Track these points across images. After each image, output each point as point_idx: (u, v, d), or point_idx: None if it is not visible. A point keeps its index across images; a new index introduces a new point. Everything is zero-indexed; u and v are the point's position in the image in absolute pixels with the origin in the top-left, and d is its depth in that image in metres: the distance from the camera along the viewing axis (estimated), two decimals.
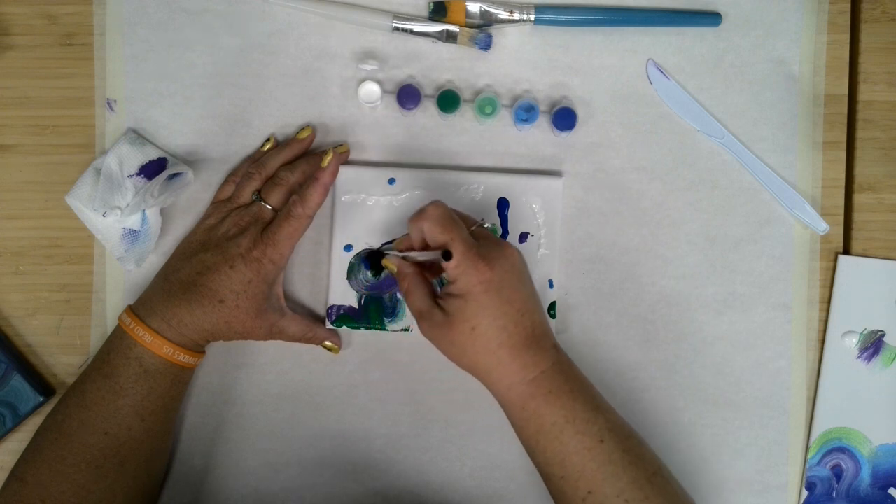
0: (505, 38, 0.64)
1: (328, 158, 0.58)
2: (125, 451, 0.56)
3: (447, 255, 0.52)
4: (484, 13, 0.62)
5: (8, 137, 0.64)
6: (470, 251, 0.52)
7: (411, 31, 0.63)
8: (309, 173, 0.60)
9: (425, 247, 0.55)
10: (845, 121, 0.64)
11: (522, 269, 0.54)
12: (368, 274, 0.62)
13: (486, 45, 0.63)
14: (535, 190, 0.62)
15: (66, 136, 0.64)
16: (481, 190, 0.62)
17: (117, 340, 0.57)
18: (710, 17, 0.63)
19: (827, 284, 0.64)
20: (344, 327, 0.62)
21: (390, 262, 0.57)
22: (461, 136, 0.64)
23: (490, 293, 0.52)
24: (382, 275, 0.62)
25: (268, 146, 0.63)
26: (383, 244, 0.62)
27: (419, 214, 0.54)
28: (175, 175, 0.61)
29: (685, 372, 0.63)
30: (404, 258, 0.56)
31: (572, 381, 0.54)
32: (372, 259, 0.62)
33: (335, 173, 0.58)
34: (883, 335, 0.63)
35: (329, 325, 0.62)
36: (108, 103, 0.64)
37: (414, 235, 0.55)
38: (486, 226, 0.56)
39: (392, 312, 0.62)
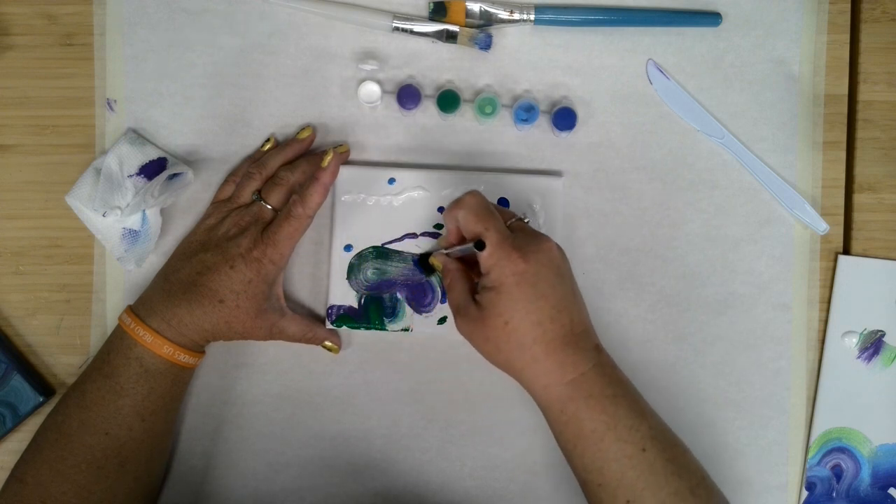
0: (505, 38, 0.64)
1: (328, 158, 0.57)
2: (125, 452, 0.56)
3: (480, 245, 0.51)
4: (484, 13, 0.62)
5: (8, 137, 0.64)
6: (504, 242, 0.51)
7: (411, 31, 0.63)
8: (309, 173, 0.60)
9: (462, 239, 0.54)
10: (845, 121, 0.64)
11: (561, 264, 0.53)
12: (369, 274, 0.62)
13: (486, 45, 0.63)
14: (535, 190, 0.62)
15: (66, 136, 0.64)
16: (481, 190, 0.62)
17: (117, 340, 0.57)
18: (710, 17, 0.63)
19: (827, 284, 0.64)
20: (344, 327, 0.62)
21: (437, 260, 0.57)
22: (461, 136, 0.64)
23: (523, 286, 0.51)
24: (434, 276, 0.61)
25: (268, 146, 0.63)
26: (429, 251, 0.62)
27: (455, 203, 0.53)
28: (175, 175, 0.61)
29: (685, 372, 0.63)
30: (447, 255, 0.56)
31: (615, 385, 0.52)
32: (422, 262, 0.62)
33: (335, 173, 0.58)
34: (883, 335, 0.63)
35: (329, 326, 0.62)
36: (108, 103, 0.64)
37: (449, 225, 0.55)
38: (525, 220, 0.55)
39: (392, 312, 0.62)
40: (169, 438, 0.61)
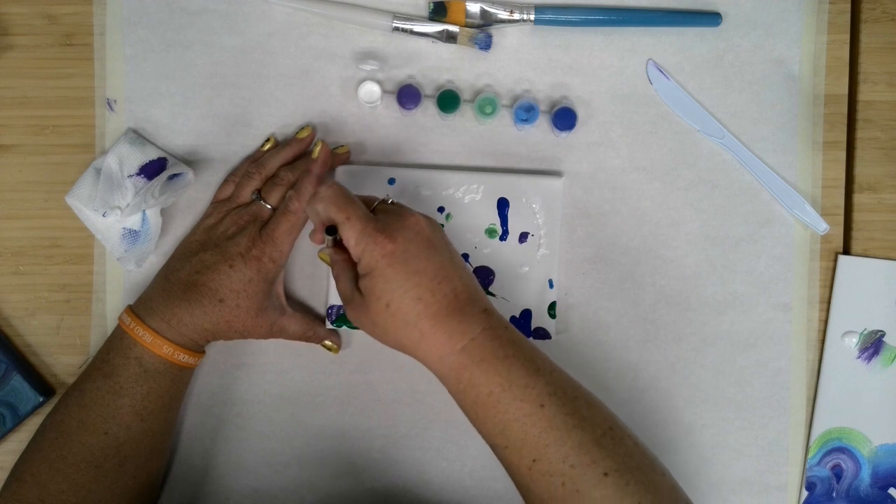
0: (505, 38, 0.64)
1: (317, 150, 0.58)
2: (125, 451, 0.56)
3: (331, 231, 0.51)
4: (484, 13, 0.62)
5: (8, 137, 0.64)
6: (367, 226, 0.51)
7: (411, 31, 0.63)
8: None
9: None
10: (845, 121, 0.64)
11: (432, 235, 0.52)
12: None
13: (486, 45, 0.63)
14: (535, 190, 0.62)
15: (66, 136, 0.64)
16: (481, 190, 0.62)
17: (117, 340, 0.57)
18: (710, 17, 0.63)
19: (827, 284, 0.64)
20: (344, 327, 0.62)
21: (324, 255, 0.56)
22: (461, 136, 0.64)
23: (395, 266, 0.50)
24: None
25: (268, 146, 0.63)
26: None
27: (312, 197, 0.53)
28: (175, 175, 0.61)
29: (685, 372, 0.63)
30: (326, 247, 0.56)
31: (507, 346, 0.51)
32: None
33: (327, 163, 0.58)
34: (883, 335, 0.63)
35: (329, 325, 0.62)
36: (108, 103, 0.64)
37: (313, 219, 0.54)
38: (390, 201, 0.55)
39: None
40: (169, 438, 0.61)
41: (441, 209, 0.62)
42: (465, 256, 0.62)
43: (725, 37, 0.64)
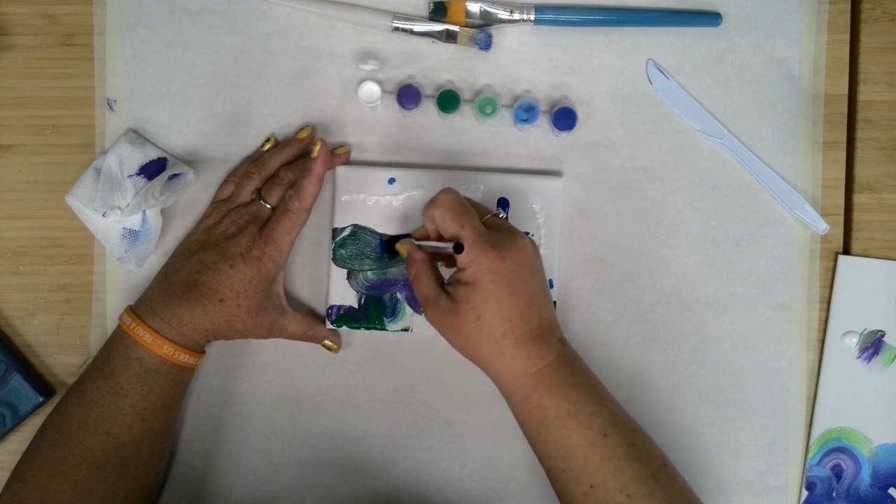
0: (505, 38, 0.64)
1: (317, 148, 0.58)
2: (126, 452, 0.56)
3: (458, 248, 0.52)
4: (484, 13, 0.62)
5: (8, 137, 0.64)
6: (481, 239, 0.52)
7: (411, 31, 0.63)
8: None
9: (439, 237, 0.55)
10: (845, 121, 0.64)
11: (535, 261, 0.54)
12: (369, 274, 0.62)
13: (486, 45, 0.63)
14: (535, 190, 0.62)
15: (66, 136, 0.64)
16: (481, 190, 0.62)
17: (117, 340, 0.57)
18: (710, 17, 0.63)
19: (827, 284, 0.64)
20: (344, 327, 0.62)
21: (403, 247, 0.57)
22: (461, 136, 0.64)
23: (499, 283, 0.51)
24: (396, 263, 0.61)
25: (268, 146, 0.63)
26: (400, 235, 0.62)
27: (431, 203, 0.54)
28: (175, 175, 0.61)
29: (685, 372, 0.63)
30: (419, 247, 0.56)
31: (577, 375, 0.53)
32: (389, 244, 0.62)
33: (326, 162, 0.59)
34: (883, 335, 0.63)
35: (329, 325, 0.62)
36: (108, 103, 0.64)
37: (428, 225, 0.55)
38: (501, 216, 0.56)
39: (392, 312, 0.62)
40: (169, 438, 0.61)
41: None
42: None
43: (725, 37, 0.64)
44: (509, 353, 0.52)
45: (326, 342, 0.62)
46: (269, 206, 0.59)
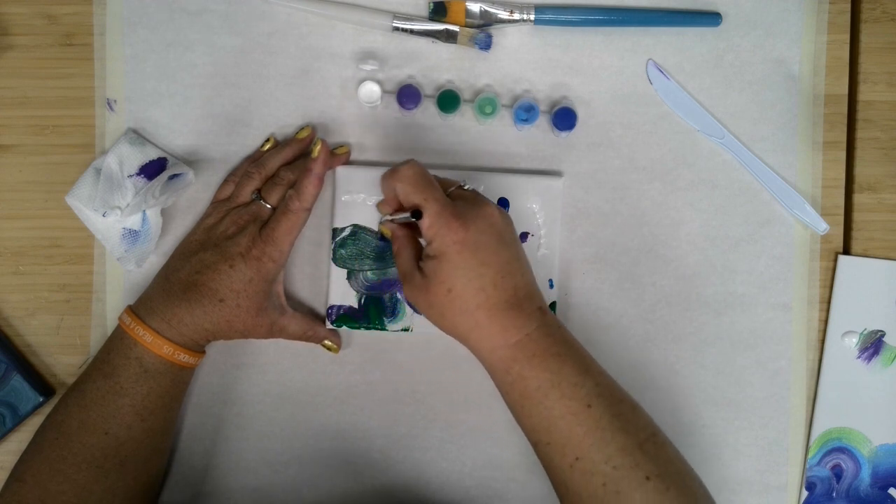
0: (505, 38, 0.64)
1: (317, 148, 0.58)
2: (125, 451, 0.56)
3: (417, 215, 0.51)
4: (484, 13, 0.62)
5: (8, 137, 0.64)
6: (444, 210, 0.51)
7: (411, 31, 0.63)
8: None
9: (401, 207, 0.54)
10: (845, 121, 0.64)
11: (504, 229, 0.53)
12: (369, 274, 0.62)
13: (486, 45, 0.63)
14: (534, 190, 0.62)
15: (66, 136, 0.64)
16: (481, 190, 0.62)
17: (117, 340, 0.57)
18: (710, 17, 0.63)
19: (827, 284, 0.64)
20: (344, 327, 0.62)
21: (385, 228, 0.57)
22: (461, 136, 0.64)
23: (464, 254, 0.51)
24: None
25: (268, 146, 0.63)
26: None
27: (392, 174, 0.53)
28: (175, 175, 0.61)
29: (685, 372, 0.64)
30: (392, 220, 0.56)
31: (559, 345, 0.52)
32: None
33: (326, 162, 0.59)
34: (883, 335, 0.63)
35: (329, 326, 0.62)
36: (108, 103, 0.64)
37: (386, 193, 0.55)
38: (466, 187, 0.55)
39: (392, 312, 0.62)
40: (169, 438, 0.61)
41: None
42: None
43: (725, 37, 0.64)
44: (485, 324, 0.51)
45: (326, 342, 0.62)
46: (269, 206, 0.59)
